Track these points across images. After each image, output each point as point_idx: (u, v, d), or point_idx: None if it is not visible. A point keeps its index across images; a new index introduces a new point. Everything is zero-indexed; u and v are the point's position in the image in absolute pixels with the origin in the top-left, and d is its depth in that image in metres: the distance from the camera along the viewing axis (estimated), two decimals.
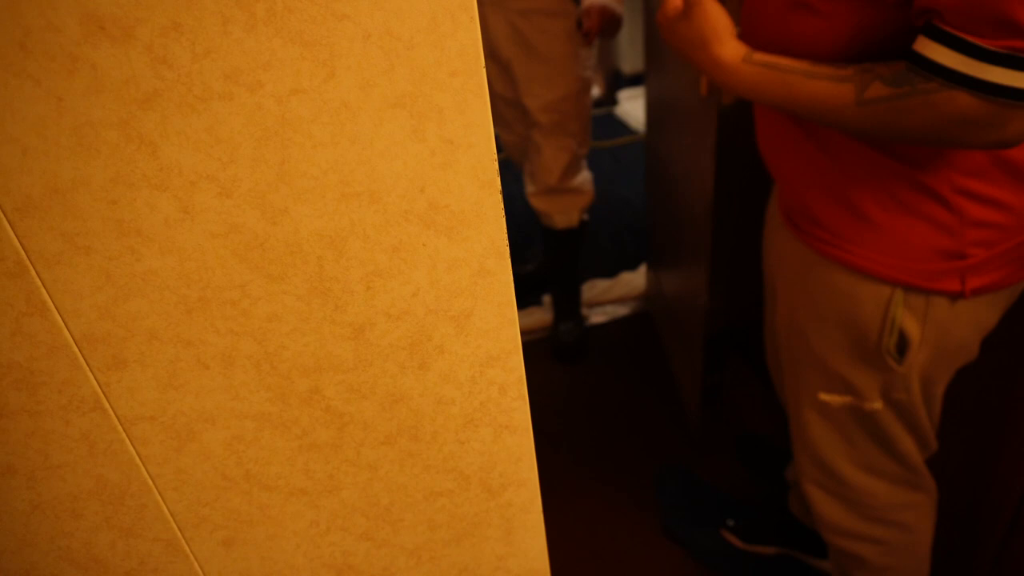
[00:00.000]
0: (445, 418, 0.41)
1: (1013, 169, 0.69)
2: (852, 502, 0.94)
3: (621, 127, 2.84)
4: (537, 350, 1.83)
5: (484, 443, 0.43)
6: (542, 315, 1.93)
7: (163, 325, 0.34)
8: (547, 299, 1.95)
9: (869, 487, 0.92)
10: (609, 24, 1.49)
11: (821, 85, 0.65)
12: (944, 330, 0.78)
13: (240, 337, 0.35)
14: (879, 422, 0.86)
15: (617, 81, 3.09)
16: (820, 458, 0.93)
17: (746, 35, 0.75)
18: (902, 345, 0.79)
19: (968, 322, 0.78)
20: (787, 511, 1.28)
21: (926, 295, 0.75)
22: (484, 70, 0.34)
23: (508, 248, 0.39)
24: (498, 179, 0.37)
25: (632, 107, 2.92)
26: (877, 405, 0.84)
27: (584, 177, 1.71)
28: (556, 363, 1.80)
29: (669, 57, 1.36)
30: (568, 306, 1.85)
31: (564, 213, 1.72)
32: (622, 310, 1.96)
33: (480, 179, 0.36)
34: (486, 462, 0.44)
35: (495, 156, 0.36)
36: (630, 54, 3.05)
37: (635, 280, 2.03)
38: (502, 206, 0.38)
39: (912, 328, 0.77)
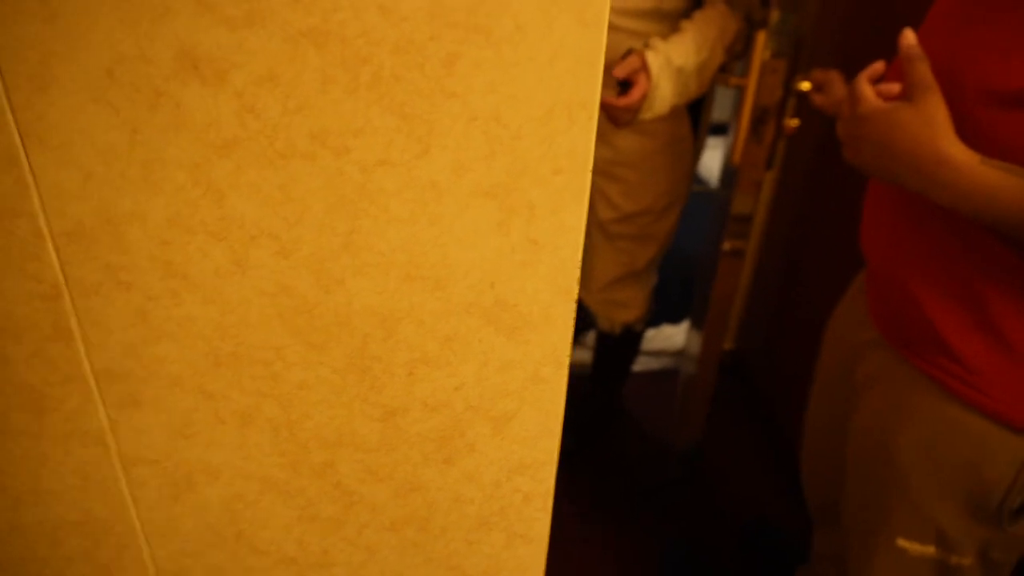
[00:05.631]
0: (459, 516, 0.38)
1: None
2: None
3: (693, 176, 2.76)
4: None
5: (494, 548, 0.40)
6: (576, 354, 1.88)
7: (188, 373, 0.31)
8: (590, 337, 1.90)
9: None
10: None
11: None
12: None
13: (265, 398, 0.32)
14: None
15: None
16: None
17: None
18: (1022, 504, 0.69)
19: None
20: None
21: None
22: (590, 174, 0.31)
23: (568, 358, 0.35)
24: (576, 287, 0.33)
25: (708, 156, 2.85)
26: (967, 561, 0.74)
27: (637, 293, 1.40)
28: (569, 408, 1.72)
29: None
30: (599, 400, 1.66)
31: (605, 318, 1.46)
32: (654, 363, 1.91)
33: (558, 285, 0.33)
34: (491, 567, 0.40)
35: (579, 264, 0.33)
36: (722, 99, 2.96)
37: (676, 335, 1.98)
38: (574, 314, 0.34)
39: None
